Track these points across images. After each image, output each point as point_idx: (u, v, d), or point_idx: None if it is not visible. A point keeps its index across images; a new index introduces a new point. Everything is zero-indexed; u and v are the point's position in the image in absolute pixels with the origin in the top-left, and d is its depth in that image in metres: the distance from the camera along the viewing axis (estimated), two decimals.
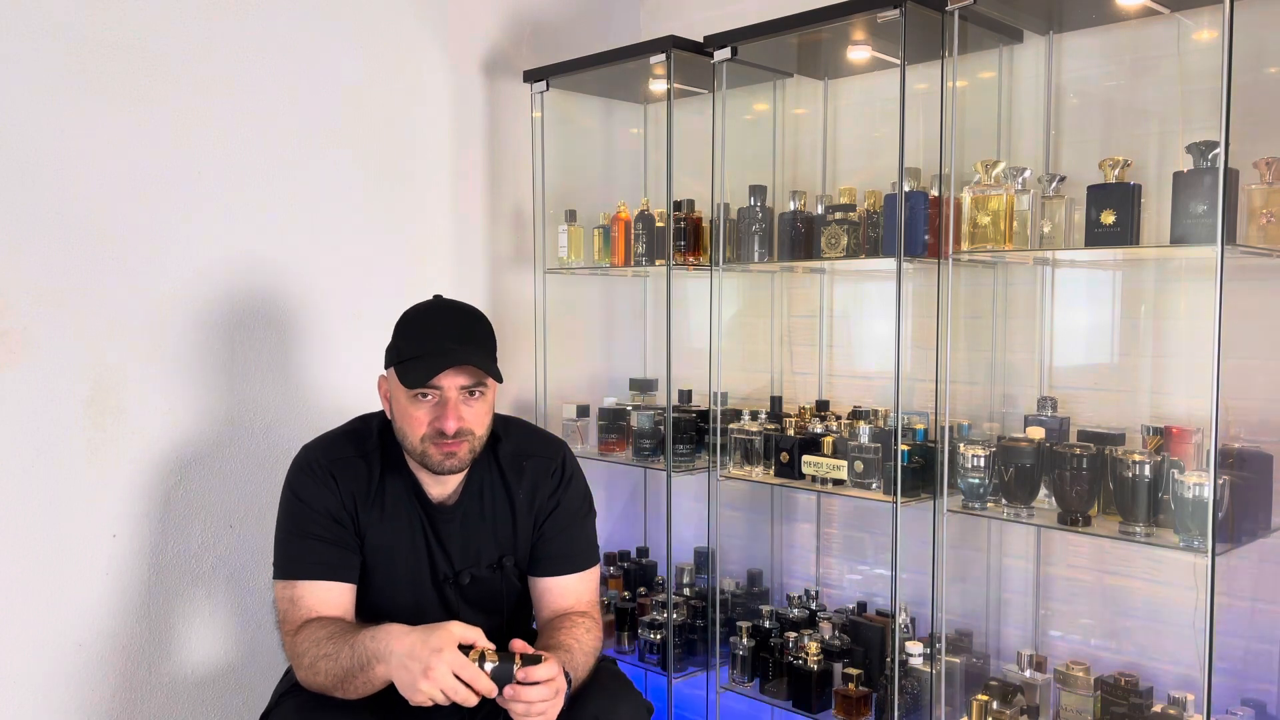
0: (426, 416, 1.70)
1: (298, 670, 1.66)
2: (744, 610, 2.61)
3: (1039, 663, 2.13)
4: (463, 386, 1.71)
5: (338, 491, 1.76)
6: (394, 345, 1.77)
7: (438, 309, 1.79)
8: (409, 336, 1.75)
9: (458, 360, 1.68)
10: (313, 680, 1.63)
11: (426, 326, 1.75)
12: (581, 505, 1.91)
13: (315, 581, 1.72)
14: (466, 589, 1.83)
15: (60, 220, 2.01)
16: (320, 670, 1.60)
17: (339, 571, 1.74)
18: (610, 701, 1.67)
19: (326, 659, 1.60)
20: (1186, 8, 2.00)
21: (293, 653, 1.67)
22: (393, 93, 2.54)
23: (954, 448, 2.08)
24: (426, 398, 1.71)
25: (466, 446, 1.73)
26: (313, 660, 1.62)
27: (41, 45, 1.97)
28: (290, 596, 1.72)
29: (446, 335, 1.72)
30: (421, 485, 1.81)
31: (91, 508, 2.07)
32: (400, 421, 1.74)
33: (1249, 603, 2.00)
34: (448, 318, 1.77)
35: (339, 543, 1.75)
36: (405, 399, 1.72)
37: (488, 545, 1.84)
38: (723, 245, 2.45)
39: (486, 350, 1.74)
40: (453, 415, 1.69)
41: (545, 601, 1.87)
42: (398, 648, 1.51)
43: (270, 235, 2.31)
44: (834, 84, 2.62)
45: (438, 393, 1.70)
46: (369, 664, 1.55)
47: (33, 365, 1.99)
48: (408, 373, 1.69)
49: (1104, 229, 1.88)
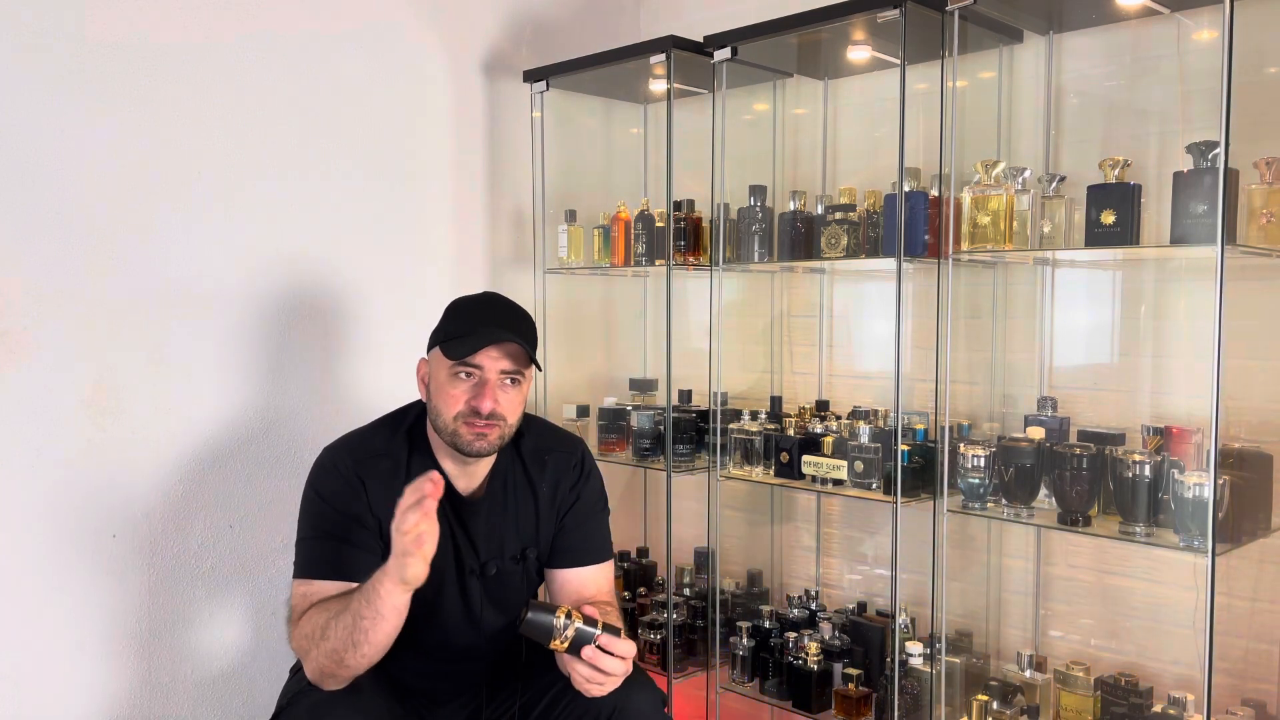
0: (464, 395, 1.73)
1: (309, 656, 1.65)
2: (744, 610, 2.61)
3: (1039, 663, 2.14)
4: (504, 371, 1.75)
5: (364, 494, 1.77)
6: (441, 327, 1.81)
7: (489, 297, 1.86)
8: (458, 318, 1.80)
9: (504, 338, 1.73)
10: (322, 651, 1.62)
11: (476, 310, 1.81)
12: (599, 500, 1.96)
13: (329, 581, 1.73)
14: (490, 581, 1.84)
15: (60, 220, 2.01)
16: (331, 632, 1.60)
17: (354, 572, 1.74)
18: (627, 690, 1.69)
19: (334, 616, 1.61)
20: (1186, 8, 2.00)
21: (300, 640, 1.67)
22: (392, 93, 2.54)
23: (954, 448, 2.07)
24: (468, 377, 1.74)
25: (498, 431, 1.76)
26: (324, 626, 1.62)
27: (42, 45, 1.97)
28: (304, 593, 1.73)
29: (496, 319, 1.78)
30: (449, 478, 1.82)
31: (91, 508, 2.07)
32: (436, 399, 1.77)
33: (1249, 603, 2.00)
34: (498, 305, 1.83)
35: (361, 545, 1.76)
36: (445, 376, 1.75)
37: (511, 537, 1.87)
38: (723, 245, 2.45)
39: (531, 342, 1.80)
40: (489, 395, 1.73)
41: (566, 593, 1.90)
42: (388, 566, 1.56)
43: (269, 236, 2.31)
44: (834, 84, 2.62)
45: (478, 372, 1.74)
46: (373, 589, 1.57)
47: (33, 365, 1.99)
48: (454, 347, 1.73)
49: (1104, 229, 1.88)
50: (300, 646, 1.68)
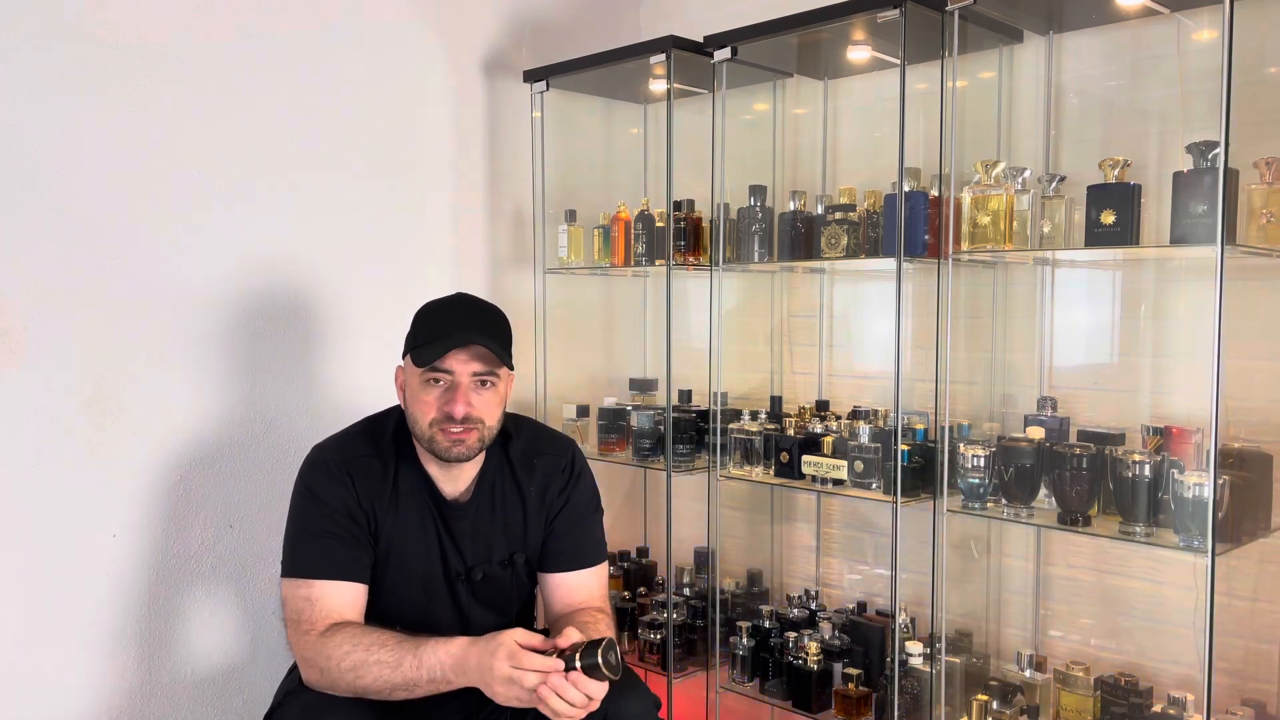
0: (437, 401, 1.72)
1: (321, 671, 1.64)
2: (744, 610, 2.61)
3: (1039, 663, 2.14)
4: (475, 373, 1.73)
5: (354, 490, 1.77)
6: (411, 332, 1.80)
7: (457, 300, 1.83)
8: (426, 323, 1.78)
9: (470, 341, 1.70)
10: (347, 682, 1.62)
11: (443, 313, 1.79)
12: (590, 503, 1.94)
13: (332, 581, 1.71)
14: (478, 585, 1.83)
15: (60, 220, 2.01)
16: (369, 675, 1.60)
17: (354, 571, 1.74)
18: (619, 696, 1.68)
19: (380, 665, 1.60)
20: (1186, 8, 2.00)
21: (317, 653, 1.65)
22: (392, 93, 2.53)
23: (954, 448, 2.07)
24: (438, 383, 1.73)
25: (476, 435, 1.74)
26: (357, 664, 1.61)
27: (41, 45, 1.97)
28: (306, 595, 1.71)
29: (462, 322, 1.75)
30: (435, 483, 1.82)
31: (91, 508, 2.07)
32: (411, 407, 1.77)
33: (1249, 603, 2.00)
34: (466, 308, 1.80)
35: (354, 542, 1.75)
36: (418, 383, 1.74)
37: (499, 542, 1.85)
38: (723, 245, 2.45)
39: (501, 342, 1.76)
40: (461, 400, 1.71)
41: (557, 597, 1.89)
42: (472, 660, 1.56)
43: (269, 236, 2.31)
44: (834, 84, 2.62)
45: (449, 377, 1.73)
46: (441, 677, 1.59)
47: (33, 365, 1.99)
48: (421, 353, 1.72)
49: (1104, 229, 1.88)
50: (314, 660, 1.65)
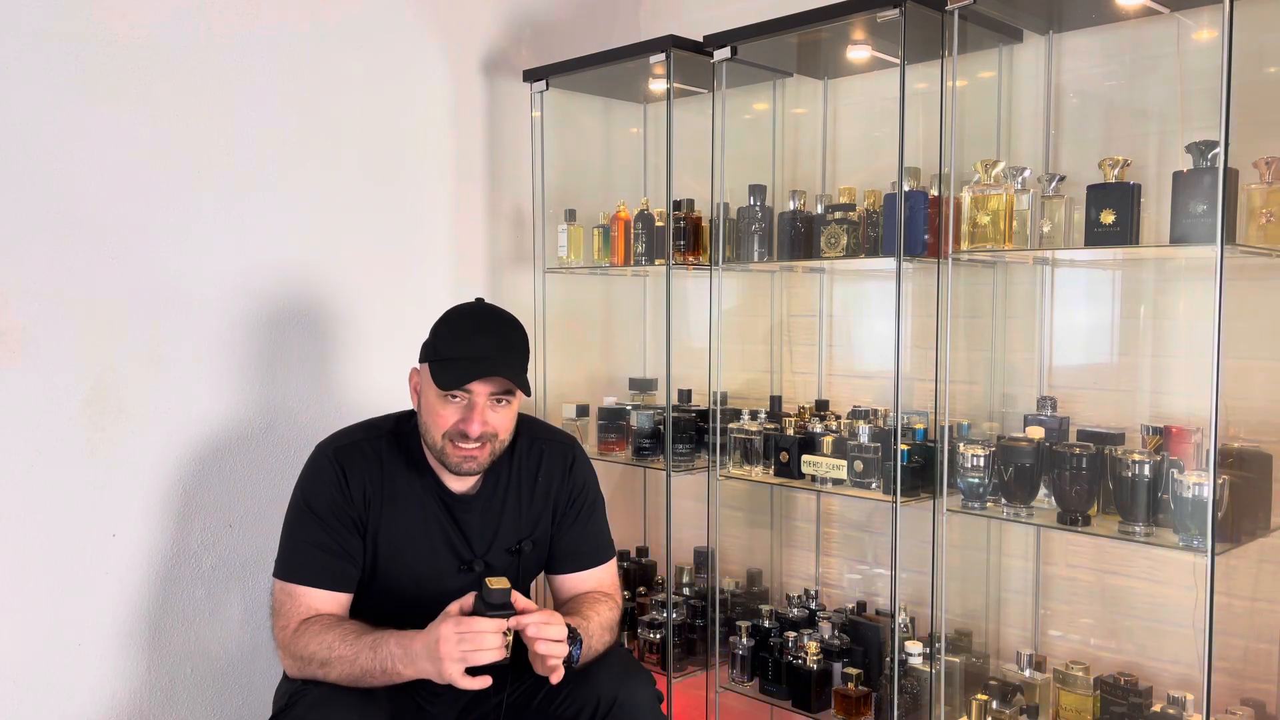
0: (453, 416, 1.76)
1: (292, 661, 1.73)
2: (744, 610, 2.61)
3: (1039, 662, 2.14)
4: (492, 393, 1.77)
5: (344, 484, 1.80)
6: (431, 343, 1.81)
7: (479, 313, 1.84)
8: (448, 337, 1.79)
9: (492, 371, 1.74)
10: (314, 673, 1.70)
11: (466, 330, 1.80)
12: (594, 497, 1.99)
13: (316, 591, 1.78)
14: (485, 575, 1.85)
15: (60, 220, 2.01)
16: (334, 672, 1.67)
17: (337, 583, 1.80)
18: (626, 683, 1.72)
19: (342, 661, 1.67)
20: (1186, 8, 2.00)
21: (290, 647, 1.73)
22: (392, 92, 2.53)
23: (954, 447, 2.07)
24: (456, 399, 1.76)
25: (488, 450, 1.79)
26: (324, 660, 1.68)
27: (41, 45, 1.97)
28: (290, 594, 1.78)
29: (485, 342, 1.77)
30: (441, 479, 1.85)
31: (91, 508, 2.07)
32: (426, 416, 1.80)
33: (1248, 602, 2.00)
34: (487, 324, 1.82)
35: (342, 553, 1.79)
36: (435, 396, 1.77)
37: (506, 530, 1.89)
38: (722, 245, 2.45)
39: (521, 361, 1.80)
40: (478, 419, 1.75)
41: (569, 593, 1.95)
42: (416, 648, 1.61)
43: (269, 236, 2.31)
44: (834, 84, 2.62)
45: (467, 396, 1.76)
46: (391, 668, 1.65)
47: (33, 365, 1.99)
48: (442, 373, 1.75)
49: (1104, 229, 1.88)
50: (288, 653, 1.74)
